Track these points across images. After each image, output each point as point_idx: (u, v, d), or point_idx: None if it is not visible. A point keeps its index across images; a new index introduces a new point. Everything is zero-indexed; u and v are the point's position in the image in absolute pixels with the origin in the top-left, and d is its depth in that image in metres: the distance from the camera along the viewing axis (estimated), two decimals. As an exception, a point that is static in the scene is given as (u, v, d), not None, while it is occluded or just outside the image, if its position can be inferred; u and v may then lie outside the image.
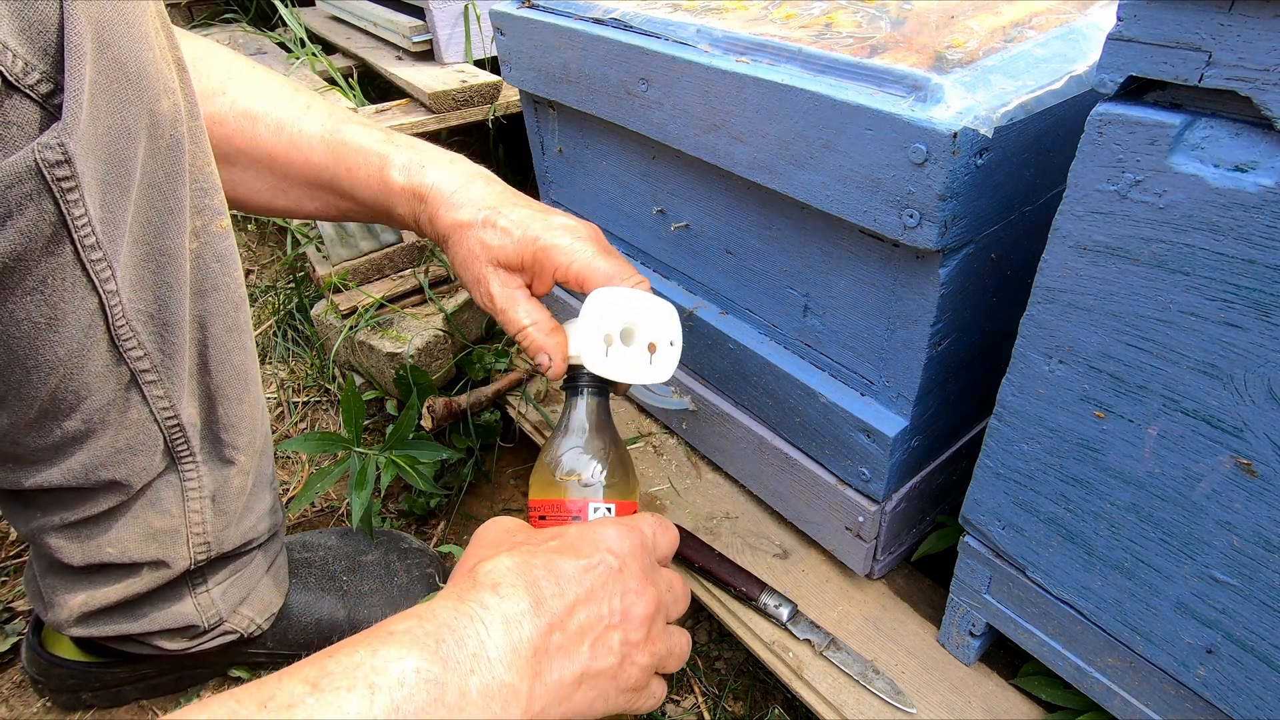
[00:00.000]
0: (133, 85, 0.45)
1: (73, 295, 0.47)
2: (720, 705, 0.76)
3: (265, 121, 0.61)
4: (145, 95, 0.46)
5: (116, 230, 0.47)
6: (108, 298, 0.49)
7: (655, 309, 0.57)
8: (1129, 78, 0.36)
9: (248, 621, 0.74)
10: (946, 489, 0.72)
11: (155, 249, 0.51)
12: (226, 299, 0.58)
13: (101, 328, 0.50)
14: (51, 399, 0.51)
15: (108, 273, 0.48)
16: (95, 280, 0.47)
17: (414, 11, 1.24)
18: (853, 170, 0.50)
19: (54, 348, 0.48)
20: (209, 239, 0.55)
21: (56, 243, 0.44)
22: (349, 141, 0.62)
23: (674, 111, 0.62)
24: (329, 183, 0.63)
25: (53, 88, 0.41)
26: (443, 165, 0.62)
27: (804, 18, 0.60)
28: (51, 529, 0.61)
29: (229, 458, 0.64)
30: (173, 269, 0.52)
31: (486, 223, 0.58)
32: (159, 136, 0.48)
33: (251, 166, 0.63)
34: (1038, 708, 0.62)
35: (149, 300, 0.52)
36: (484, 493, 1.03)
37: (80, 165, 0.43)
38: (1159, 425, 0.42)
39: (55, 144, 0.41)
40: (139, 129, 0.46)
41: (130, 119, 0.46)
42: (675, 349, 0.59)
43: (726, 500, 0.83)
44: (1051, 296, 0.44)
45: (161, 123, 0.48)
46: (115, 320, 0.50)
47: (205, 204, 0.54)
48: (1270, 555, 0.40)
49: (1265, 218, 0.34)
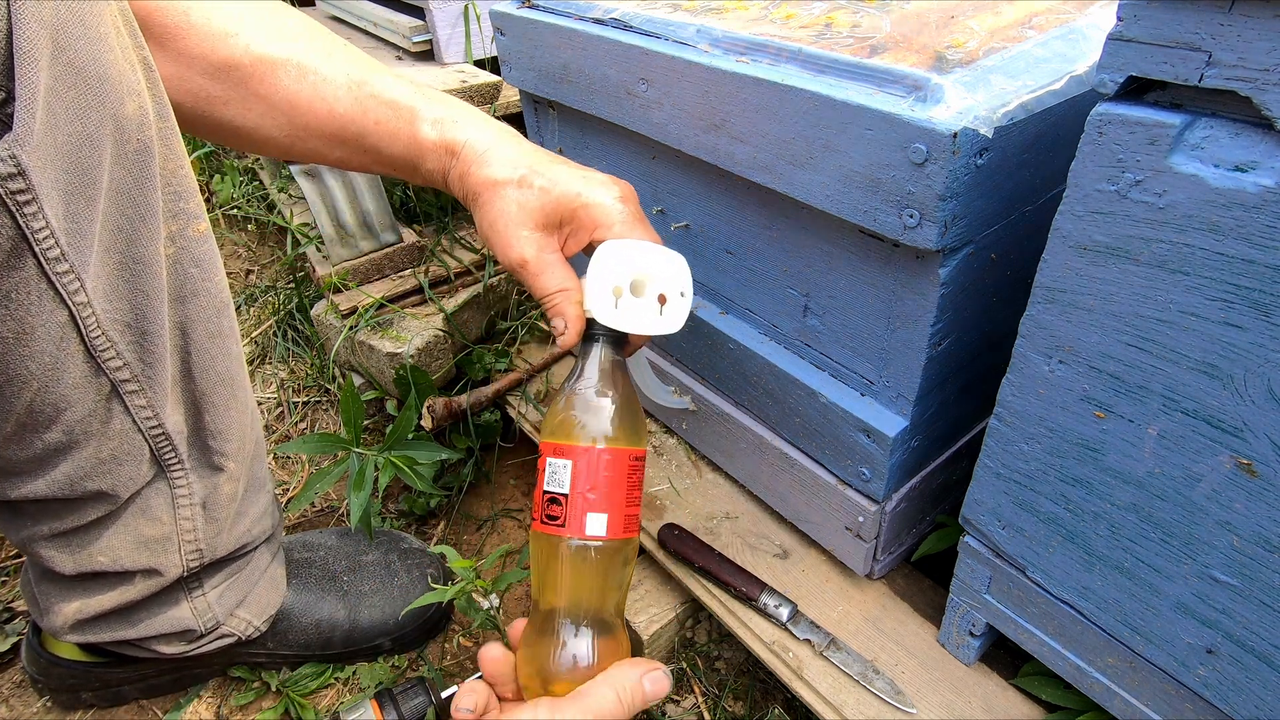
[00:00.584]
0: (93, 90, 0.43)
1: (39, 309, 0.46)
2: (720, 705, 0.76)
3: (286, 68, 0.57)
4: (108, 100, 0.44)
5: (83, 240, 0.46)
6: (78, 309, 0.48)
7: (665, 260, 0.57)
8: (1129, 78, 0.36)
9: (245, 624, 0.74)
10: (946, 489, 0.72)
11: (128, 256, 0.50)
12: (208, 304, 0.57)
13: (75, 339, 0.49)
14: (29, 412, 0.50)
15: (76, 284, 0.47)
16: (63, 293, 0.46)
17: (414, 11, 1.24)
18: (853, 170, 0.50)
19: (25, 362, 0.47)
20: (186, 244, 0.54)
21: (17, 257, 0.43)
22: (379, 94, 0.59)
23: (674, 111, 0.62)
24: (355, 136, 0.60)
25: (4, 96, 0.40)
26: (477, 122, 0.60)
27: (804, 18, 0.60)
28: (42, 538, 0.60)
29: (218, 465, 0.64)
30: (148, 276, 0.51)
31: (524, 182, 0.56)
32: (125, 141, 0.47)
33: (269, 114, 0.59)
34: (1038, 708, 0.62)
35: (125, 309, 0.51)
36: (484, 493, 1.03)
37: (36, 177, 0.41)
38: (1159, 425, 0.42)
39: (6, 156, 0.40)
40: (103, 135, 0.45)
41: (92, 125, 0.44)
42: (686, 300, 0.59)
43: (726, 500, 0.83)
44: (1051, 296, 0.44)
45: (127, 127, 0.47)
46: (90, 331, 0.49)
47: (180, 208, 0.53)
48: (1270, 555, 0.40)
49: (1265, 218, 0.34)
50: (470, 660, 0.84)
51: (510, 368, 1.05)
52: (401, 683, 0.76)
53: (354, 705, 0.74)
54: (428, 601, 0.72)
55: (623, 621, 0.58)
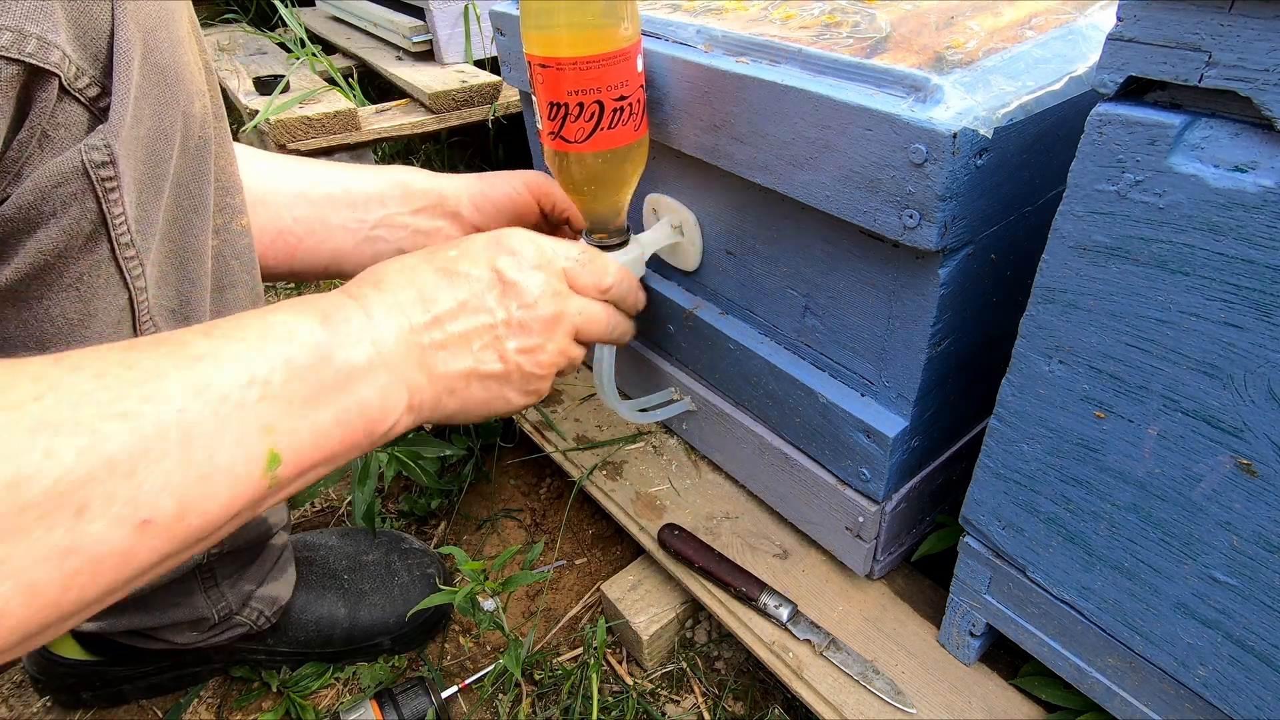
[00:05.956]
0: (171, 88, 0.46)
1: (106, 292, 0.47)
2: (720, 705, 0.76)
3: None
4: (181, 98, 0.47)
5: (150, 228, 0.48)
6: (136, 294, 0.49)
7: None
8: (1129, 78, 0.36)
9: (257, 614, 0.74)
10: (946, 489, 0.72)
11: (180, 246, 0.52)
12: (245, 295, 0.59)
13: (128, 324, 0.50)
14: None
15: (139, 270, 0.48)
16: (127, 277, 0.48)
17: (414, 11, 1.24)
18: (853, 170, 0.50)
19: (84, 343, 0.48)
20: (229, 236, 0.56)
21: (95, 240, 0.45)
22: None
23: (674, 111, 0.62)
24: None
25: (99, 91, 0.42)
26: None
27: (804, 18, 0.60)
28: None
29: None
30: (195, 265, 0.53)
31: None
32: (190, 137, 0.49)
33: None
34: (1038, 708, 0.62)
35: (172, 296, 0.53)
36: (484, 493, 1.03)
37: (123, 165, 0.44)
38: (1159, 425, 0.42)
39: (102, 145, 0.42)
40: (174, 131, 0.47)
41: (167, 121, 0.47)
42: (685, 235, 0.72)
43: (726, 500, 0.83)
44: (1051, 296, 0.44)
45: (192, 124, 0.49)
46: (140, 316, 0.51)
47: (227, 203, 0.55)
48: (1270, 555, 0.40)
49: (1265, 218, 0.34)
50: (470, 660, 0.84)
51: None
52: (401, 683, 0.76)
53: (354, 705, 0.74)
54: (435, 603, 0.72)
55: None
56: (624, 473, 0.87)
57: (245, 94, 1.13)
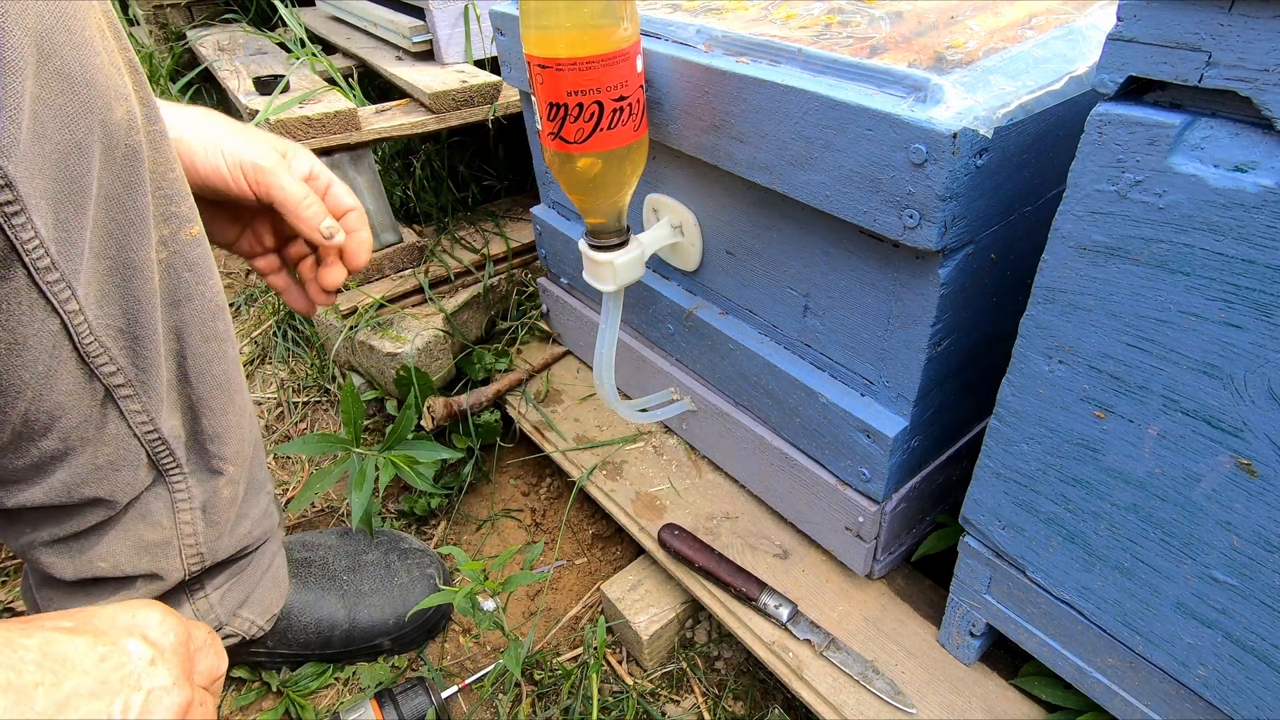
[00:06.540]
0: (80, 96, 0.43)
1: (31, 319, 0.45)
2: (720, 705, 0.76)
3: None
4: (95, 105, 0.44)
5: (74, 249, 0.46)
6: (69, 317, 0.47)
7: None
8: (1129, 78, 0.36)
9: (249, 624, 0.74)
10: (946, 489, 0.72)
11: (119, 262, 0.49)
12: (203, 308, 0.57)
13: (68, 347, 0.48)
14: (24, 421, 0.50)
15: (67, 293, 0.46)
16: (54, 302, 0.46)
17: (414, 11, 1.24)
18: (853, 170, 0.50)
19: (18, 371, 0.47)
20: (179, 248, 0.54)
21: (6, 268, 0.43)
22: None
23: (674, 111, 0.62)
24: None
25: None
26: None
27: (804, 18, 0.60)
28: (41, 545, 0.60)
29: (217, 468, 0.64)
30: (140, 281, 0.51)
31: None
32: (114, 147, 0.46)
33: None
34: (1038, 708, 0.62)
35: (117, 315, 0.51)
36: (484, 493, 1.03)
37: (24, 187, 0.41)
38: (1159, 425, 0.42)
39: None
40: (91, 142, 0.44)
41: (80, 132, 0.43)
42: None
43: (726, 500, 0.83)
44: (1051, 296, 0.44)
45: (115, 132, 0.46)
46: (82, 338, 0.49)
47: (171, 212, 0.52)
48: (1270, 555, 0.40)
49: (1265, 218, 0.34)
50: (470, 660, 0.84)
51: (510, 368, 1.05)
52: (401, 683, 0.76)
53: (354, 705, 0.74)
54: (435, 603, 0.72)
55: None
56: (624, 473, 0.87)
57: (245, 94, 1.13)
